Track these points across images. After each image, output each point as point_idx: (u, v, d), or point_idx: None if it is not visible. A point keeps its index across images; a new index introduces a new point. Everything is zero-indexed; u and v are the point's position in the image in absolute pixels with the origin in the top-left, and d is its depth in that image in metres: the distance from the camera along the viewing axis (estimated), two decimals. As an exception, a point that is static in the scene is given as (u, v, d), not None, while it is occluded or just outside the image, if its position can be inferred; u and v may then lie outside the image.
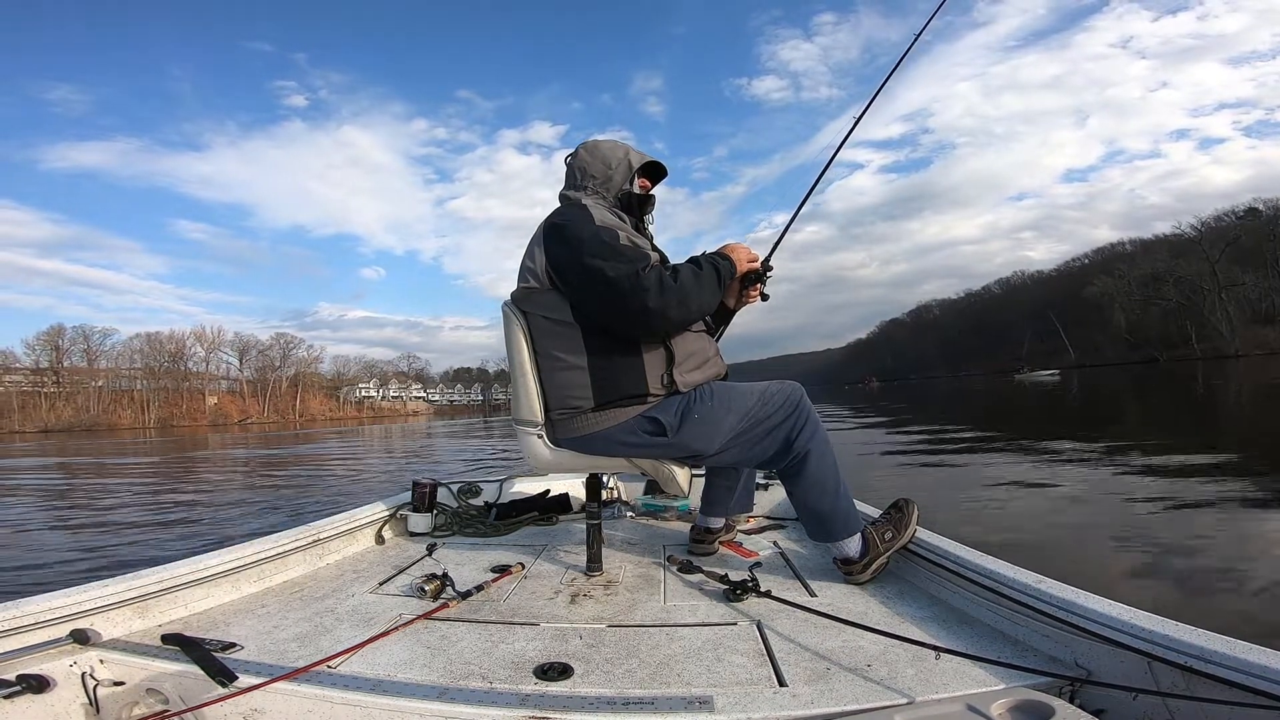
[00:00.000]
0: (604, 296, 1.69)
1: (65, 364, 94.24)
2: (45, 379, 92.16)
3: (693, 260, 1.81)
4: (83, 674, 1.26)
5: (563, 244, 1.75)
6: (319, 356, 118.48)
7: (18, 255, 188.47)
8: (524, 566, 2.04)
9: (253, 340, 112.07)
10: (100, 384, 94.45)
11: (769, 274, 2.01)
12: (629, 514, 2.84)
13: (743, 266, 1.90)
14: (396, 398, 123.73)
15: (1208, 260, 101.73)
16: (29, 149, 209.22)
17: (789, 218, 2.31)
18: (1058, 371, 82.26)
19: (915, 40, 2.51)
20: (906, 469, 7.76)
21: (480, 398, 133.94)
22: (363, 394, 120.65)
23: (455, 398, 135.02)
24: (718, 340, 2.08)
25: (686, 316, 1.72)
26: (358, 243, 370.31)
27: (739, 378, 1.95)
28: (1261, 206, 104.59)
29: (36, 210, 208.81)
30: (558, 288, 1.78)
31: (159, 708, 1.24)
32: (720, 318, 2.10)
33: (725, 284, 1.83)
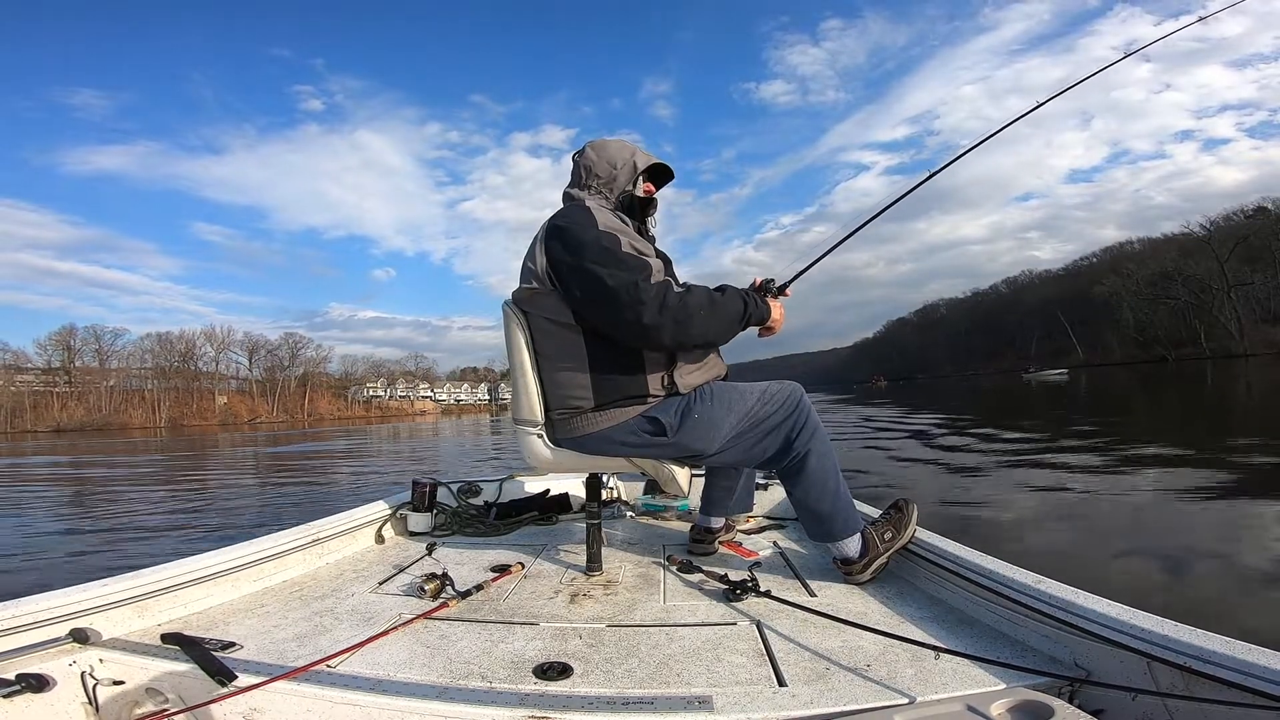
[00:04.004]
0: (601, 305, 1.68)
1: (77, 364, 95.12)
2: (57, 379, 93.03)
3: (721, 287, 1.79)
4: (82, 673, 1.27)
5: (564, 247, 1.73)
6: (327, 356, 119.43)
7: (36, 257, 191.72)
8: (524, 566, 2.04)
9: (262, 340, 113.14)
10: (111, 384, 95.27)
11: (784, 295, 2.01)
12: (629, 514, 2.84)
13: (777, 314, 1.88)
14: (404, 397, 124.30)
15: (1216, 259, 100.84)
16: (50, 153, 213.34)
17: (820, 252, 2.27)
18: (1066, 371, 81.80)
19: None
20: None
21: (487, 397, 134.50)
22: (370, 394, 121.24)
23: (462, 397, 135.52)
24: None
25: (683, 339, 1.68)
26: (369, 244, 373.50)
27: (744, 377, 1.94)
28: (1270, 206, 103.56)
29: (56, 213, 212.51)
30: (558, 289, 1.78)
31: (159, 707, 1.24)
32: None
33: (749, 322, 1.80)
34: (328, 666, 1.27)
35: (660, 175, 2.03)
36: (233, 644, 1.41)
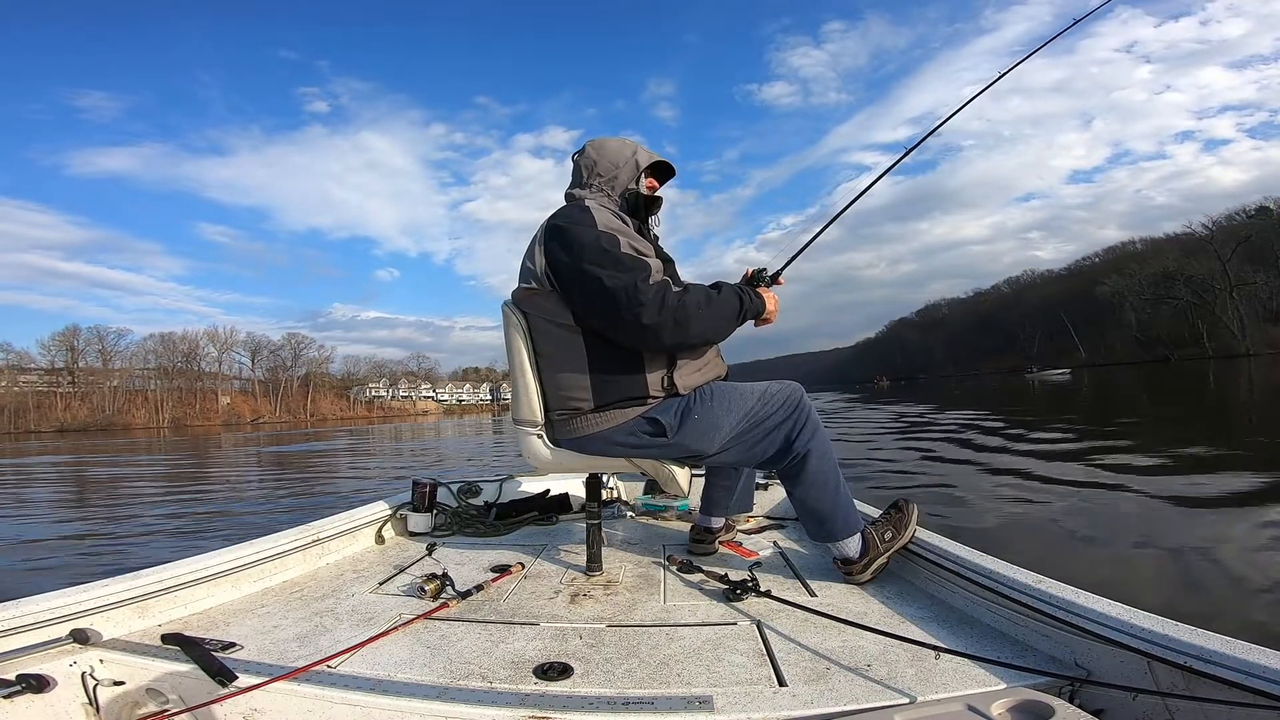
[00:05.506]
0: (600, 306, 1.68)
1: (80, 364, 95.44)
2: (61, 379, 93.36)
3: (717, 285, 1.79)
4: (83, 674, 1.27)
5: (562, 248, 1.73)
6: (330, 357, 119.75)
7: (42, 258, 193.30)
8: (524, 566, 2.04)
9: (265, 340, 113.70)
10: (115, 384, 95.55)
11: (777, 284, 2.01)
12: (629, 514, 2.84)
13: (771, 305, 1.88)
14: (406, 397, 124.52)
15: (1219, 259, 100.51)
16: (58, 154, 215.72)
17: (807, 239, 2.24)
18: (1069, 370, 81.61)
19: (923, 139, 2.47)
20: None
21: (489, 397, 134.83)
22: (373, 394, 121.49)
23: (464, 397, 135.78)
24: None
25: (683, 339, 1.68)
26: (373, 245, 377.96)
27: (747, 377, 1.94)
28: (1272, 206, 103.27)
29: (63, 214, 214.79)
30: (557, 290, 1.77)
31: (159, 708, 1.25)
32: None
33: (746, 318, 1.81)
34: (328, 667, 1.27)
35: (662, 173, 2.03)
36: (233, 644, 1.41)
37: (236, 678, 1.19)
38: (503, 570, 1.96)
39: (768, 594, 1.65)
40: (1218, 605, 2.87)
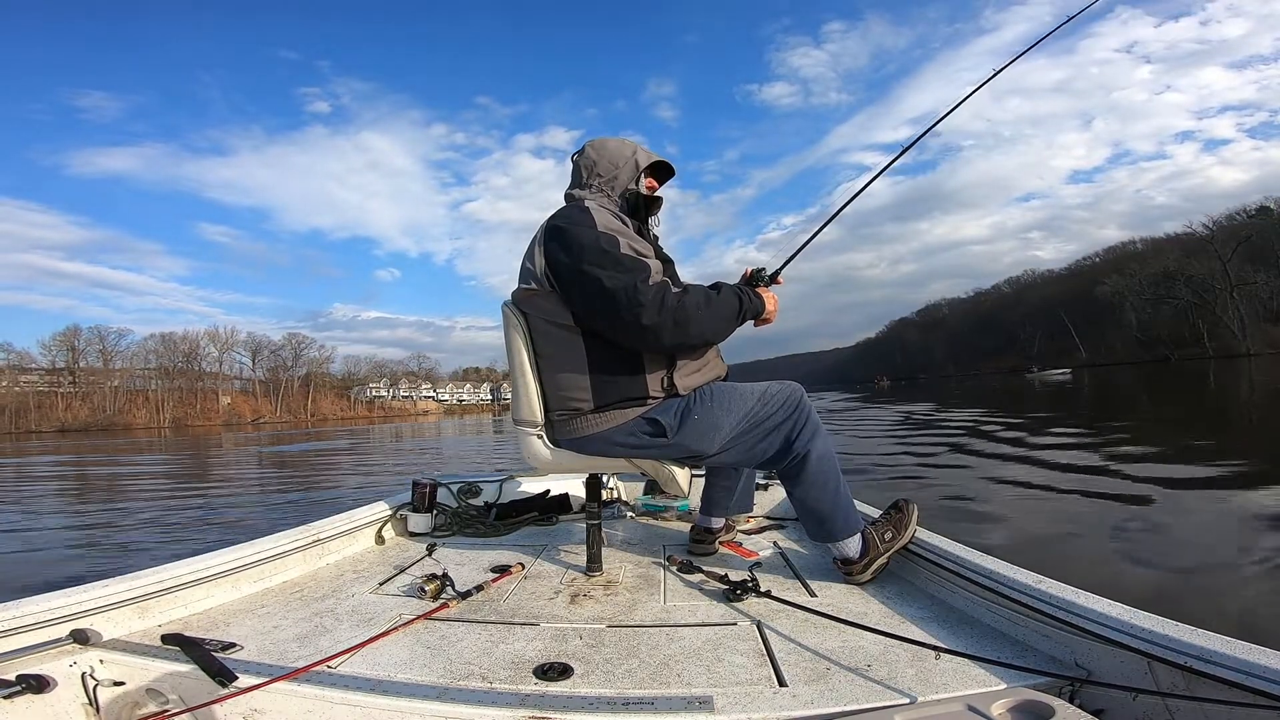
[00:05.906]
0: (600, 307, 1.67)
1: (81, 364, 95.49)
2: (61, 379, 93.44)
3: (716, 285, 1.79)
4: (83, 674, 1.27)
5: (562, 249, 1.73)
6: (330, 357, 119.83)
7: (43, 258, 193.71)
8: (524, 566, 2.04)
9: (265, 340, 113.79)
10: (115, 384, 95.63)
11: (776, 283, 2.01)
12: (629, 514, 2.84)
13: (770, 305, 1.88)
14: (406, 397, 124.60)
15: (1219, 259, 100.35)
16: (59, 154, 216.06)
17: (806, 238, 2.23)
18: (1069, 370, 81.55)
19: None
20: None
21: (489, 397, 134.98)
22: (373, 394, 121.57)
23: (464, 397, 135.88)
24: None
25: (683, 339, 1.68)
26: (373, 245, 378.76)
27: (747, 377, 1.94)
28: (1272, 205, 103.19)
29: (64, 214, 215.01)
30: (557, 290, 1.77)
31: (160, 708, 1.25)
32: None
33: (746, 318, 1.81)
34: (328, 667, 1.27)
35: (661, 173, 2.02)
36: (233, 645, 1.41)
37: (236, 678, 1.19)
38: (503, 570, 1.96)
39: (768, 594, 1.64)
40: (1219, 603, 2.87)
